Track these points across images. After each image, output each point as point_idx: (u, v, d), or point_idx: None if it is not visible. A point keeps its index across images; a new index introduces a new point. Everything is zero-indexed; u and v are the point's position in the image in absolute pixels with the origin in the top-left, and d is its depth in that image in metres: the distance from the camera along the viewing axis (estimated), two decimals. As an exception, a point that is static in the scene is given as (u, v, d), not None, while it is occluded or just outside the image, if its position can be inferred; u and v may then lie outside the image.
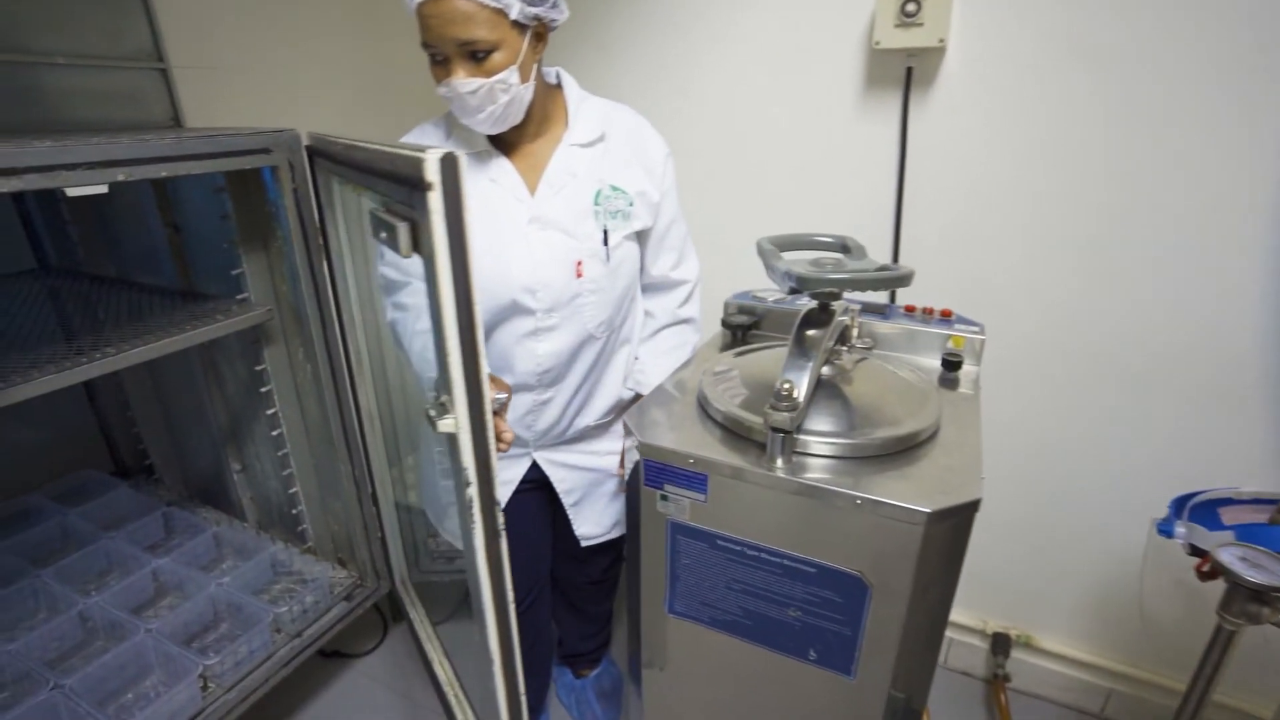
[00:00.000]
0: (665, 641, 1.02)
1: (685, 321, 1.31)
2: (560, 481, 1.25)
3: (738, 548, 0.88)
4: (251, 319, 1.31)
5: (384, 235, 0.64)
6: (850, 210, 1.52)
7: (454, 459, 0.62)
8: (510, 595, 0.68)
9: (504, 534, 0.65)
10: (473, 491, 0.62)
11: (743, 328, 1.27)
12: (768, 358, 1.13)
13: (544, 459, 1.25)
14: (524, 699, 0.76)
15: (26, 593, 1.46)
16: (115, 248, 1.66)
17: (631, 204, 1.13)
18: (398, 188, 0.62)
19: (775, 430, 0.81)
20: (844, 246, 1.03)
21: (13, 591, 1.44)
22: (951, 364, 1.11)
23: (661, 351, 1.27)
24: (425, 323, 1.07)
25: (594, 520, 1.30)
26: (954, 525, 0.77)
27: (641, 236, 1.20)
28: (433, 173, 0.54)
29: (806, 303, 1.30)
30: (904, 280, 0.85)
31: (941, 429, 0.93)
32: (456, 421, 0.59)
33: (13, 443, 1.74)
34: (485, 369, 0.60)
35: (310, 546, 1.64)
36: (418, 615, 1.49)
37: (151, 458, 1.89)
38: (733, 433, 0.93)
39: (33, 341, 1.16)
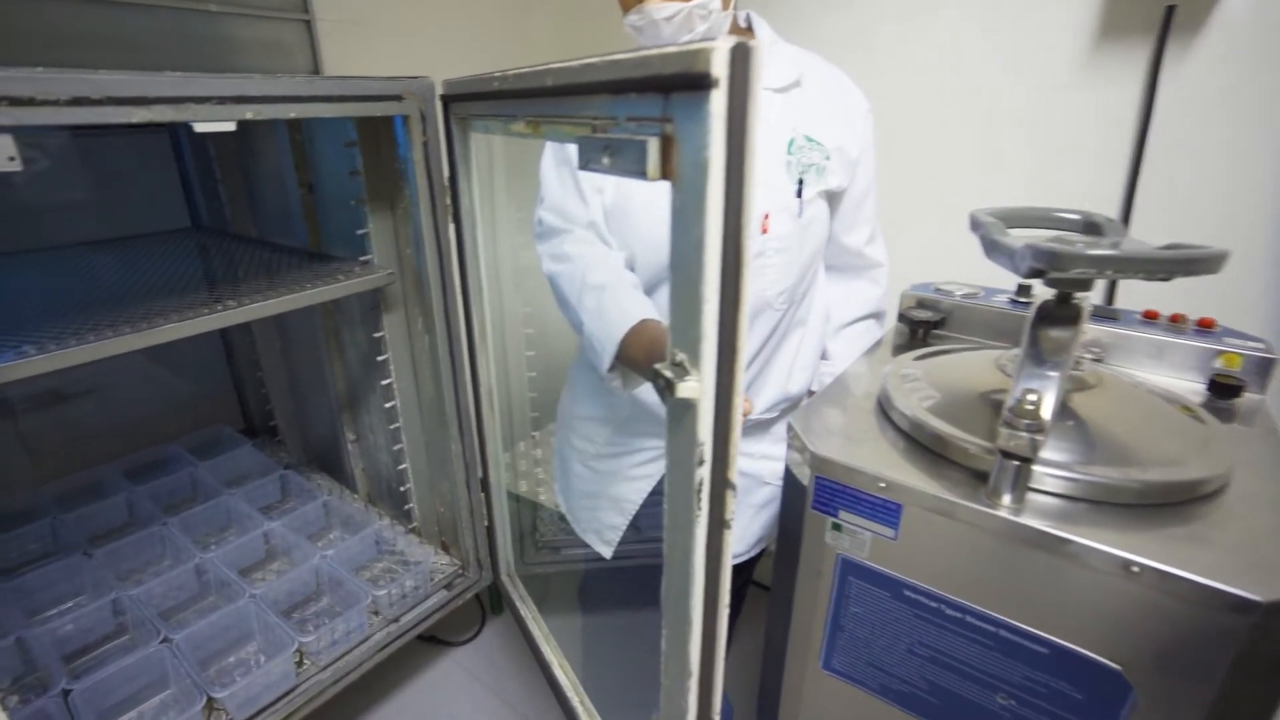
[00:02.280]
0: (810, 701, 0.82)
1: (877, 315, 1.12)
2: None
3: (934, 603, 0.67)
4: (371, 282, 1.24)
5: (606, 160, 0.51)
6: (1063, 191, 1.24)
7: (681, 432, 0.50)
8: (726, 600, 0.55)
9: (730, 526, 0.52)
10: (704, 472, 0.49)
11: (925, 325, 1.05)
12: (960, 364, 0.91)
13: None
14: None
15: (156, 539, 1.49)
16: (257, 210, 1.69)
17: (828, 158, 0.95)
18: (638, 100, 0.50)
19: (1009, 456, 0.60)
20: (1089, 224, 0.79)
21: (145, 535, 1.48)
22: (1226, 389, 0.83)
23: (860, 349, 1.08)
24: (600, 276, 0.92)
25: (737, 535, 1.11)
26: (1295, 623, 0.52)
27: (833, 200, 1.01)
28: (720, 65, 0.40)
29: (1005, 300, 1.07)
30: (1213, 263, 0.60)
31: (1233, 477, 0.67)
32: (701, 385, 0.47)
33: (164, 393, 1.85)
34: (745, 324, 0.46)
35: (415, 527, 1.57)
36: (529, 612, 1.37)
37: (276, 419, 1.92)
38: (930, 452, 0.72)
39: (180, 291, 1.17)
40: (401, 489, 1.54)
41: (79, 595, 1.37)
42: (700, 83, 0.41)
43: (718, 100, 0.41)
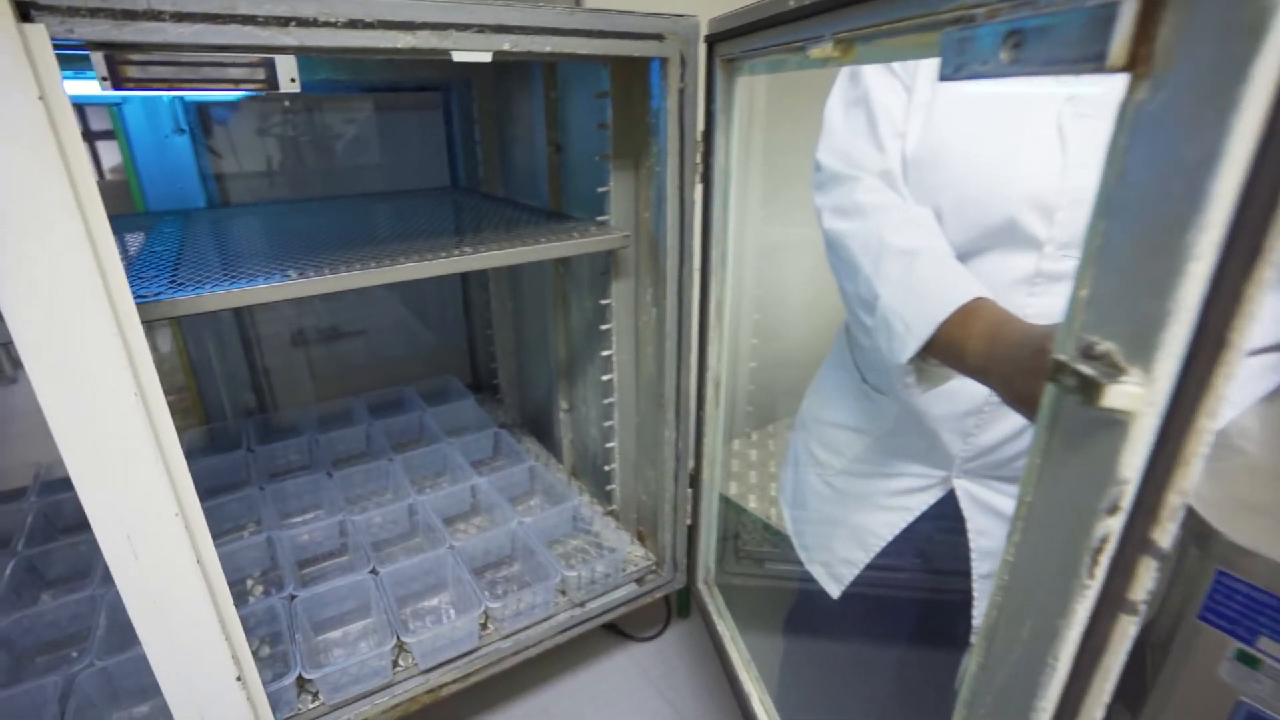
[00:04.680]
0: None
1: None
2: (981, 534, 0.82)
3: None
4: (603, 243, 1.16)
5: (1005, 54, 0.35)
6: None
7: (1081, 458, 0.32)
8: (1100, 716, 0.36)
9: (1140, 613, 0.32)
10: (1114, 525, 0.31)
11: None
12: None
13: (969, 492, 0.82)
14: None
15: (382, 471, 1.59)
16: (508, 171, 1.75)
17: None
18: None
19: None
20: None
21: (374, 467, 1.59)
22: None
23: (1257, 393, 0.72)
24: (907, 238, 0.71)
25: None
26: None
27: None
28: None
29: None
30: None
31: None
32: (1148, 392, 0.28)
33: (411, 339, 2.03)
34: (1260, 303, 0.27)
35: (614, 510, 1.50)
36: (726, 629, 1.21)
37: (499, 378, 1.99)
38: None
39: (428, 237, 1.20)
40: (606, 468, 1.47)
41: (318, 510, 1.50)
42: None
43: None
